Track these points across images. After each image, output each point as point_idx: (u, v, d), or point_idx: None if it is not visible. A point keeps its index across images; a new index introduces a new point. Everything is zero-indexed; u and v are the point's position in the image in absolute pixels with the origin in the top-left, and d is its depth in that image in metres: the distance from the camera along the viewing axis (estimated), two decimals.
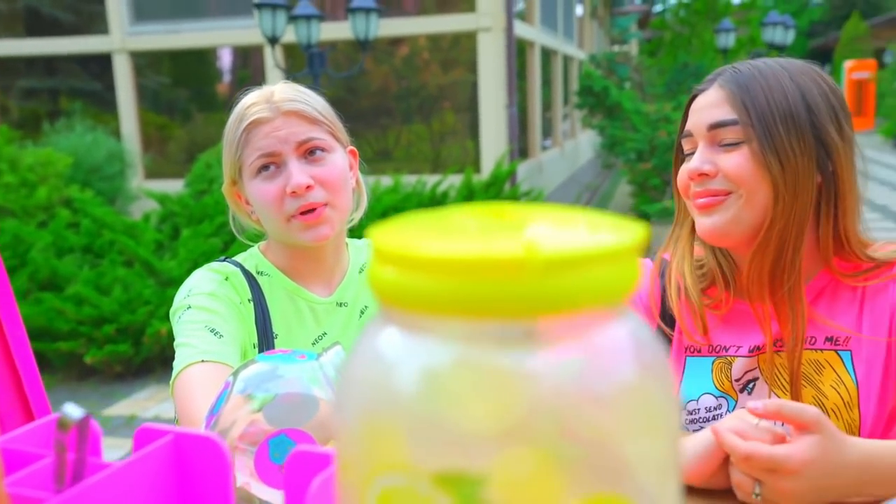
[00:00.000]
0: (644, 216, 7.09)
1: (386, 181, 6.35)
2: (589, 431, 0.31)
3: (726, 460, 0.88)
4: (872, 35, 26.04)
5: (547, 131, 10.40)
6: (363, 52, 5.12)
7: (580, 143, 12.55)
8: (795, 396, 1.12)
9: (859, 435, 1.09)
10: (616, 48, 18.74)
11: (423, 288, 0.31)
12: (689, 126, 1.14)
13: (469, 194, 6.16)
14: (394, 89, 7.86)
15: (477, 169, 7.11)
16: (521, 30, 7.74)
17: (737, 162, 1.06)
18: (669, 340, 1.22)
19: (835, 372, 1.11)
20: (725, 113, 1.08)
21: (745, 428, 0.86)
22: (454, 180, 6.25)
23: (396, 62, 7.83)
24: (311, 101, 1.22)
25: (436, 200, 5.93)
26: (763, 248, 1.08)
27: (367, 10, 4.83)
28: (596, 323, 0.32)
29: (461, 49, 7.27)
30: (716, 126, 1.08)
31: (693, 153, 1.13)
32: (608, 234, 0.32)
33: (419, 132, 7.94)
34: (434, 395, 0.31)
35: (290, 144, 1.17)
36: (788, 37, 7.68)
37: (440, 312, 0.31)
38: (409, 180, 6.30)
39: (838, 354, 1.11)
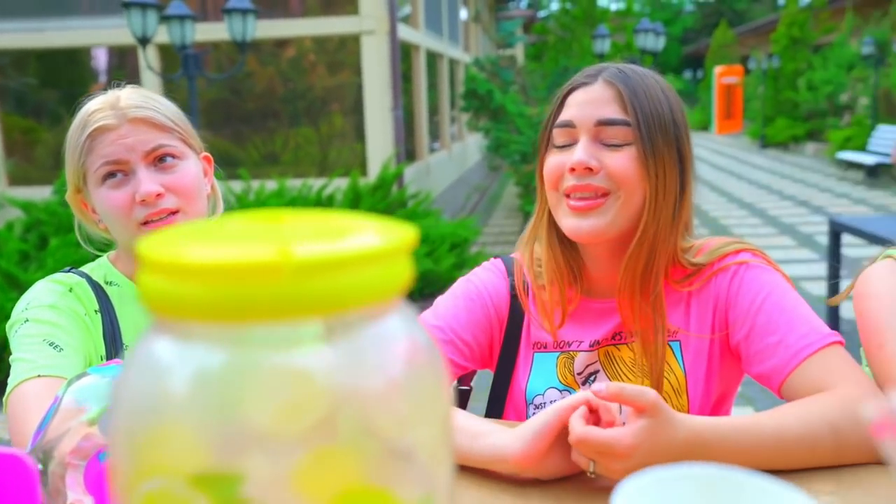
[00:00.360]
0: (531, 216, 7.26)
1: (271, 185, 6.24)
2: (356, 425, 0.32)
3: (561, 442, 0.90)
4: (739, 42, 27.65)
5: (434, 134, 10.49)
6: (242, 53, 5.01)
7: (468, 146, 12.73)
8: (656, 388, 1.17)
9: None
10: (502, 52, 19.16)
11: (188, 295, 0.31)
12: (570, 117, 1.12)
13: (355, 197, 6.13)
14: (280, 91, 7.73)
15: (364, 172, 7.09)
16: (406, 33, 7.77)
17: (623, 162, 1.08)
18: (519, 338, 1.25)
19: (666, 362, 1.17)
20: (615, 112, 1.10)
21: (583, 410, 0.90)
22: (341, 183, 6.21)
23: (282, 64, 7.70)
24: (161, 107, 1.20)
25: (322, 204, 5.87)
26: (637, 251, 1.12)
27: (244, 11, 4.73)
28: (365, 321, 0.33)
29: (347, 52, 7.23)
30: (605, 123, 1.09)
31: (568, 145, 1.13)
32: (372, 237, 0.33)
33: (307, 135, 7.83)
34: (199, 398, 0.31)
35: (137, 153, 1.15)
36: (659, 43, 8.06)
37: (207, 318, 0.31)
38: (294, 184, 6.22)
39: (669, 345, 1.17)
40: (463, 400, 1.37)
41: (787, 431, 0.95)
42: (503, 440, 0.93)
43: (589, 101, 1.11)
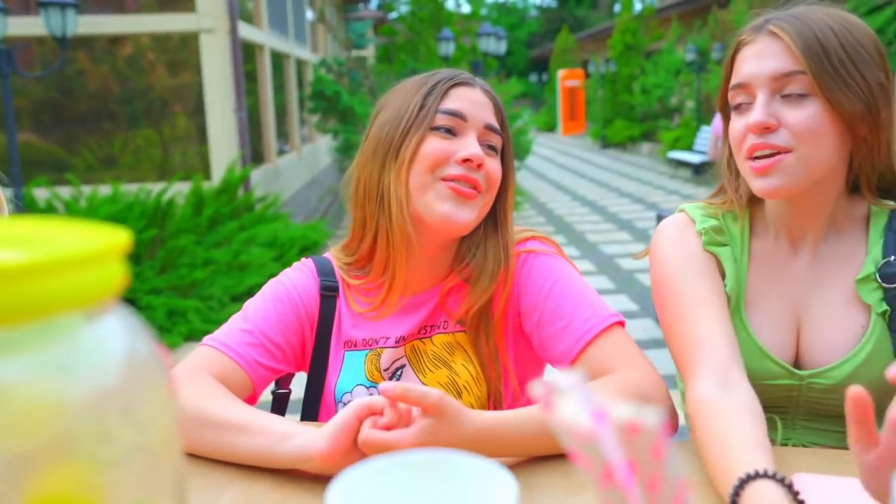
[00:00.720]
0: None
1: (105, 190, 5.90)
2: (56, 433, 0.31)
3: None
4: (580, 47, 28.91)
5: (283, 136, 10.28)
6: (62, 49, 4.69)
7: (319, 148, 12.58)
8: (487, 378, 1.20)
9: (488, 407, 1.20)
10: (353, 53, 19.07)
11: None
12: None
13: (198, 202, 5.91)
14: (117, 91, 7.30)
15: (208, 175, 6.84)
16: (248, 32, 7.57)
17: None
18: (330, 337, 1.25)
19: (465, 351, 1.20)
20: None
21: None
22: (183, 188, 5.96)
23: (119, 62, 7.28)
24: None
25: (161, 209, 5.61)
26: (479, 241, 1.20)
27: (63, 5, 4.43)
28: (71, 327, 0.32)
29: (188, 50, 6.94)
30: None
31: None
32: (75, 241, 0.32)
33: (148, 137, 7.44)
34: None
35: None
36: (501, 46, 8.31)
37: None
38: (130, 189, 5.90)
39: (469, 336, 1.20)
40: (282, 403, 1.34)
41: None
42: (308, 440, 0.93)
43: (759, 55, 1.09)
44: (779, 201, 1.15)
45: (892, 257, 1.11)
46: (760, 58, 1.08)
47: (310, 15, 12.03)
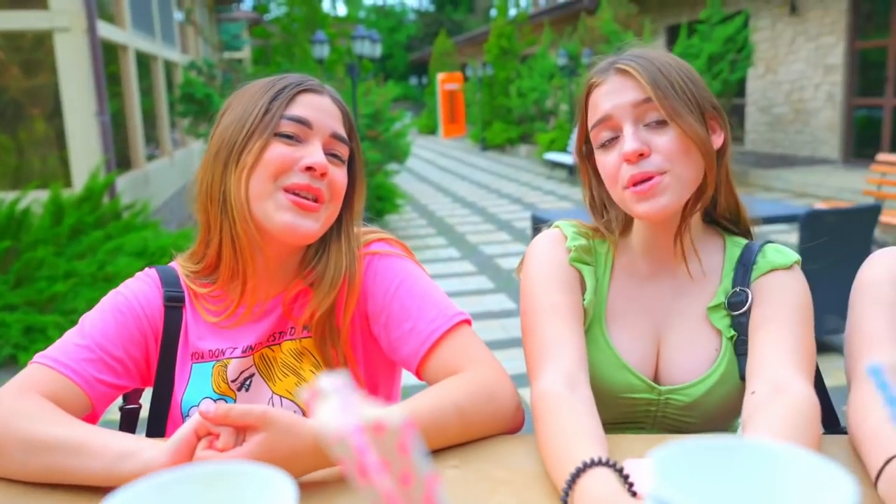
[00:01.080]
0: None
1: None
2: None
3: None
4: (458, 51, 29.34)
5: (153, 140, 9.88)
6: None
7: (193, 152, 12.16)
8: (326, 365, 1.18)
9: None
10: (227, 55, 18.56)
11: None
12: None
13: (58, 210, 5.57)
14: None
15: (68, 183, 6.48)
16: (109, 32, 7.21)
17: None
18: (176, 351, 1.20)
19: (313, 357, 1.19)
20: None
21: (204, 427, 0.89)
22: (42, 196, 5.60)
23: None
24: None
25: (16, 219, 5.25)
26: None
27: None
28: None
29: (44, 50, 6.53)
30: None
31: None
32: None
33: (2, 143, 6.96)
34: None
35: None
36: (376, 49, 8.31)
37: None
38: None
39: (316, 342, 1.19)
40: (131, 420, 1.27)
41: (420, 418, 0.98)
42: (149, 458, 0.90)
43: (616, 91, 1.15)
44: (645, 228, 1.22)
45: (739, 288, 1.19)
46: (616, 93, 1.14)
47: (178, 16, 11.61)
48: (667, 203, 1.11)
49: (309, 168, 1.09)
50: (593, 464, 0.84)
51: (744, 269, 1.21)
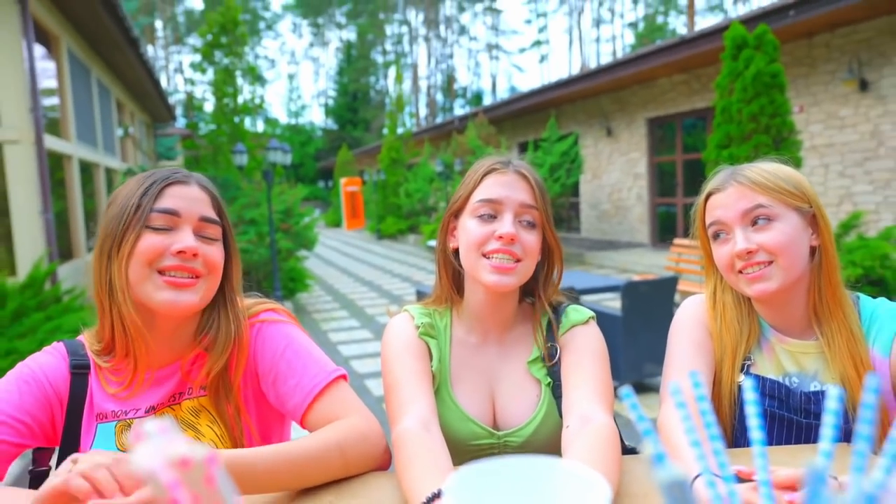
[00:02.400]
0: None
1: None
2: None
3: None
4: (357, 160, 29.64)
5: (94, 234, 9.36)
6: None
7: None
8: (230, 439, 1.12)
9: None
10: (163, 163, 18.04)
11: None
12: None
13: (2, 296, 5.20)
14: None
15: (13, 272, 6.06)
16: (55, 144, 6.92)
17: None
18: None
19: (209, 413, 1.13)
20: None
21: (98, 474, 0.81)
22: None
23: None
24: None
25: None
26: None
27: None
28: None
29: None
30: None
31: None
32: None
33: None
34: None
35: None
36: (287, 158, 8.33)
37: None
38: None
39: (211, 399, 1.13)
40: (40, 481, 1.14)
41: (308, 456, 0.96)
42: None
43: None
44: (479, 301, 1.22)
45: (550, 344, 1.21)
46: (511, 187, 1.16)
47: (118, 131, 11.26)
48: (514, 281, 1.16)
49: (180, 252, 1.04)
50: (440, 494, 0.84)
51: (552, 328, 1.23)
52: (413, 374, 1.14)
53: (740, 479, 0.86)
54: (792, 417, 1.18)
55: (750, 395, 0.52)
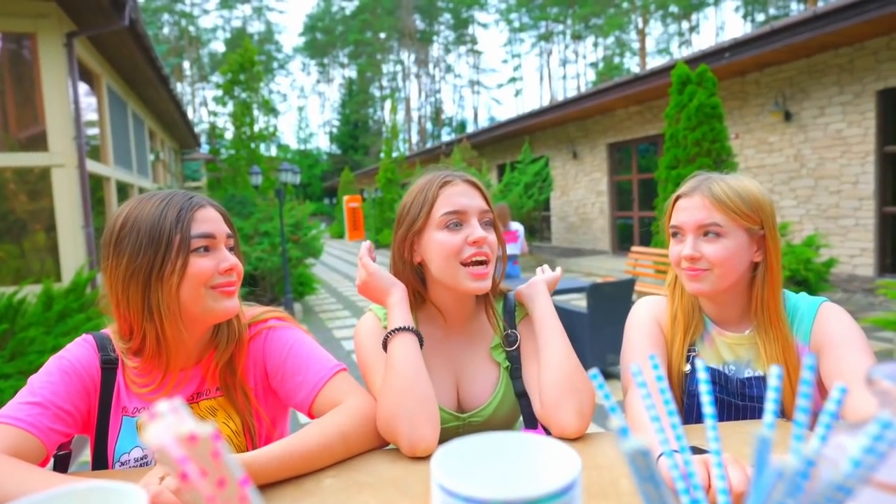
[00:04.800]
0: None
1: None
2: None
3: None
4: (357, 181, 29.53)
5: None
6: None
7: None
8: (243, 431, 1.09)
9: (247, 450, 1.11)
10: (189, 184, 17.90)
11: None
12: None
13: (48, 299, 5.11)
14: None
15: (59, 279, 5.98)
16: (95, 167, 6.85)
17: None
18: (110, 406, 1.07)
19: (225, 411, 1.11)
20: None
21: None
22: (36, 289, 5.12)
23: None
24: None
25: (13, 307, 4.78)
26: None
27: None
28: None
29: (45, 181, 6.12)
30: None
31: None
32: None
33: (9, 250, 6.36)
34: None
35: None
36: (297, 178, 8.29)
37: None
38: None
39: (226, 398, 1.10)
40: (64, 463, 1.09)
41: (310, 444, 0.94)
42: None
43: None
44: (445, 300, 1.18)
45: (510, 331, 1.20)
46: (469, 196, 1.13)
47: (151, 157, 11.15)
48: (489, 285, 1.14)
49: (227, 270, 1.03)
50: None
51: (509, 315, 1.22)
52: (382, 359, 1.11)
53: (694, 452, 0.86)
54: (731, 400, 1.18)
55: (702, 375, 0.52)
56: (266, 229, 8.16)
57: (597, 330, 4.54)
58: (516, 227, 6.61)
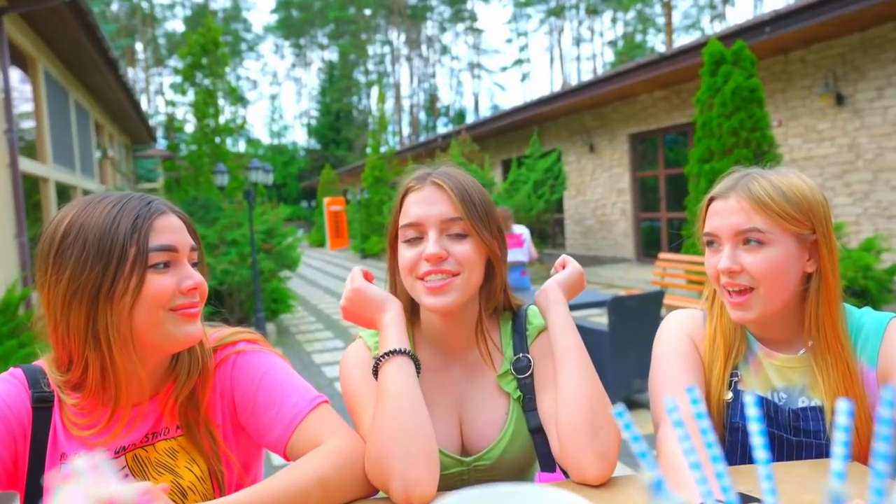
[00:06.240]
0: None
1: None
2: None
3: None
4: (340, 180, 29.66)
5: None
6: None
7: None
8: (212, 474, 1.07)
9: (215, 497, 1.08)
10: (143, 185, 17.92)
11: None
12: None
13: None
14: None
15: None
16: (30, 166, 6.83)
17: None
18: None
19: (188, 453, 1.07)
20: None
21: None
22: None
23: None
24: None
25: None
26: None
27: None
28: None
29: None
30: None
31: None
32: None
33: None
34: None
35: None
36: (269, 178, 8.29)
37: None
38: None
39: (188, 438, 1.07)
40: None
41: (281, 493, 0.91)
42: None
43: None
44: (433, 322, 1.17)
45: (521, 354, 1.17)
46: (428, 204, 1.11)
47: (97, 154, 11.16)
48: (453, 300, 1.10)
49: (191, 289, 1.00)
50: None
51: (519, 336, 1.20)
52: (373, 395, 1.08)
53: (744, 500, 0.83)
54: (781, 435, 1.15)
55: (752, 412, 0.48)
56: (233, 237, 8.16)
57: (619, 351, 4.51)
58: (520, 230, 6.60)
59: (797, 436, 1.14)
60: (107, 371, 0.98)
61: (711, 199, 1.18)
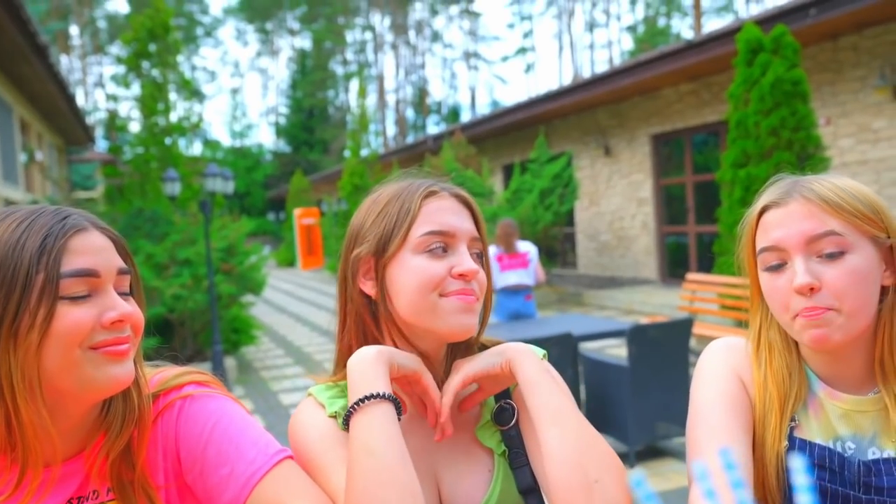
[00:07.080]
0: None
1: None
2: None
3: None
4: (314, 188, 29.75)
5: None
6: None
7: None
8: None
9: None
10: (79, 194, 17.85)
11: None
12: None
13: None
14: None
15: None
16: None
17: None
18: None
19: None
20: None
21: None
22: None
23: None
24: None
25: None
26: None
27: None
28: None
29: None
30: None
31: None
32: None
33: None
34: None
35: None
36: (229, 186, 8.29)
37: None
38: None
39: (122, 503, 1.04)
40: None
41: None
42: None
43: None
44: (406, 349, 1.15)
45: (504, 402, 1.16)
46: (459, 216, 1.14)
47: (22, 157, 11.13)
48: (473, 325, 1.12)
49: (116, 322, 0.96)
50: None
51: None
52: (343, 467, 1.03)
53: None
54: (848, 493, 1.12)
55: (801, 480, 0.46)
56: (186, 256, 8.12)
57: (641, 389, 4.50)
58: (527, 248, 6.59)
59: (867, 493, 1.11)
60: (11, 425, 0.94)
61: (763, 210, 1.16)
